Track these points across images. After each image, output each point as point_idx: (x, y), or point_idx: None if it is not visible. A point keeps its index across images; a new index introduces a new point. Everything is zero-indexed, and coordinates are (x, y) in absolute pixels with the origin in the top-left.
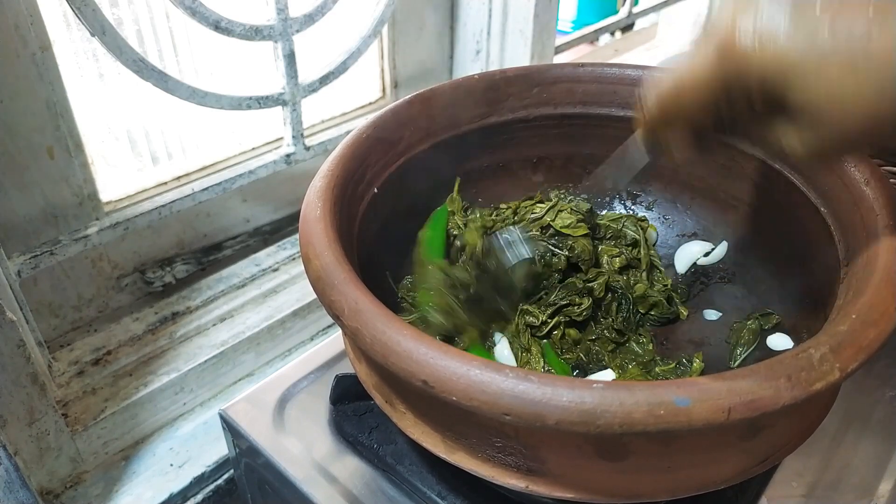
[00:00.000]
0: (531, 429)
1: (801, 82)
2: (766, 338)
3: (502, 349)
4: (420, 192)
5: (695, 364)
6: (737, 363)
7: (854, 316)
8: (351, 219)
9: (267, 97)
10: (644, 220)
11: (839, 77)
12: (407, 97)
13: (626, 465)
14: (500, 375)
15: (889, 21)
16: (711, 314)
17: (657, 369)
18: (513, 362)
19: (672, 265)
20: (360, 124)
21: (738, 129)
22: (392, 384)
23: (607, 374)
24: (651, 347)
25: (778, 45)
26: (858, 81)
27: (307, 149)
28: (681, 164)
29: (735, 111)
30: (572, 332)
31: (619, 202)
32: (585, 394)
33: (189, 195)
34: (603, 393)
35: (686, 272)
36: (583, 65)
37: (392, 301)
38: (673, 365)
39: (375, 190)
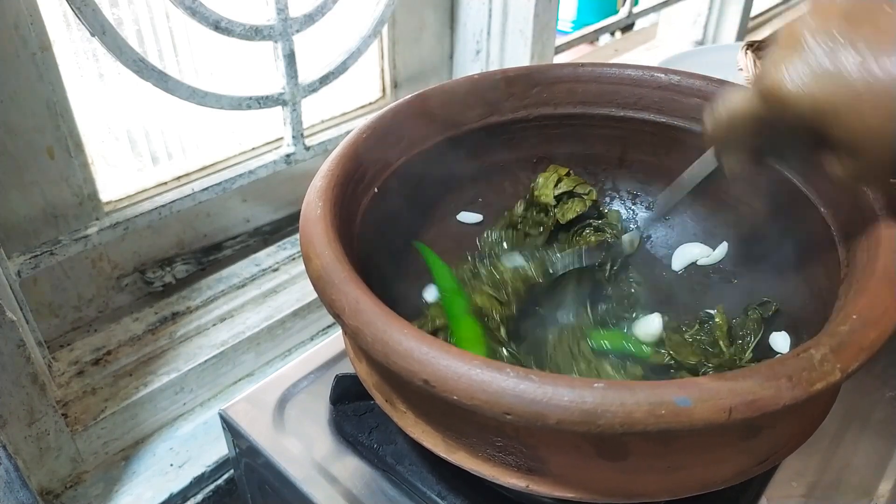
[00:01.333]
0: (532, 428)
1: (838, 121)
2: (768, 334)
3: None
4: (420, 191)
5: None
6: (748, 353)
7: (855, 316)
8: (351, 218)
9: (267, 97)
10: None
11: (871, 117)
12: (407, 97)
13: (627, 465)
14: (501, 375)
15: None
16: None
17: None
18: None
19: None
20: (360, 124)
21: (787, 155)
22: (392, 383)
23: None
24: None
25: (815, 92)
26: (889, 118)
27: (307, 149)
28: (738, 177)
29: (783, 142)
30: None
31: (620, 202)
32: (586, 393)
33: (189, 195)
34: (604, 392)
35: (682, 271)
36: (583, 65)
37: (391, 300)
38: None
39: (375, 190)
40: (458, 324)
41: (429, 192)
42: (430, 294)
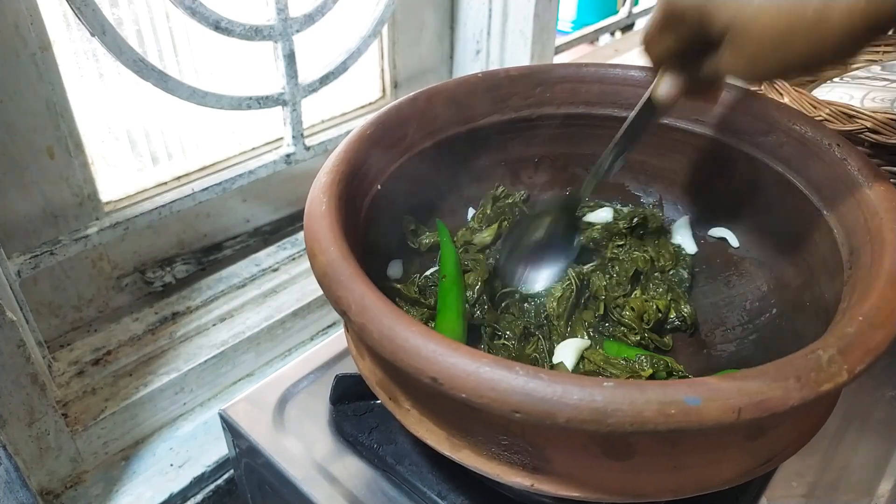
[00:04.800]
0: (539, 427)
1: (715, 12)
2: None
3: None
4: (422, 188)
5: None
6: None
7: (861, 318)
8: (355, 215)
9: (267, 97)
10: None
11: (741, 3)
12: (411, 94)
13: (632, 465)
14: (510, 373)
15: None
16: None
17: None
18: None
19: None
20: (363, 121)
21: (703, 65)
22: (398, 381)
23: None
24: None
25: None
26: (757, 5)
27: (307, 149)
28: (671, 105)
29: (689, 47)
30: None
31: (621, 205)
32: (596, 392)
33: (189, 195)
34: (613, 392)
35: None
36: (586, 65)
37: (394, 297)
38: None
39: (379, 186)
40: (443, 314)
41: (431, 189)
42: (394, 270)
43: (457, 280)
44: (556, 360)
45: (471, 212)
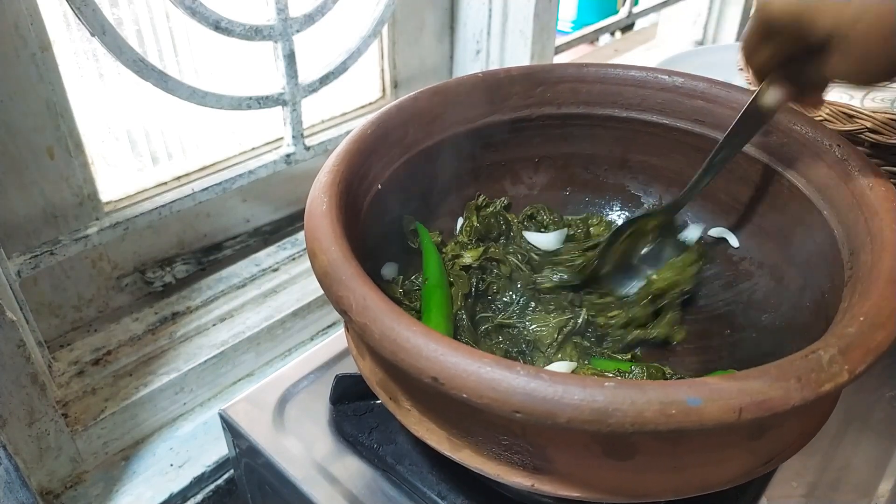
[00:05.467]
0: (541, 427)
1: (814, 19)
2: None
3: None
4: (423, 189)
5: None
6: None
7: (862, 318)
8: (355, 214)
9: (267, 97)
10: None
11: (842, 6)
12: (411, 94)
13: (633, 465)
14: (511, 373)
15: None
16: None
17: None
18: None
19: None
20: (363, 121)
21: (806, 71)
22: (399, 381)
23: None
24: None
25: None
26: (859, 5)
27: (307, 149)
28: (780, 110)
29: (791, 55)
30: None
31: (620, 203)
32: (597, 392)
33: (189, 195)
34: (615, 392)
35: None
36: (587, 65)
37: (395, 296)
38: None
39: (379, 186)
40: (428, 316)
41: (431, 190)
42: (388, 271)
43: (441, 283)
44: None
45: (460, 221)
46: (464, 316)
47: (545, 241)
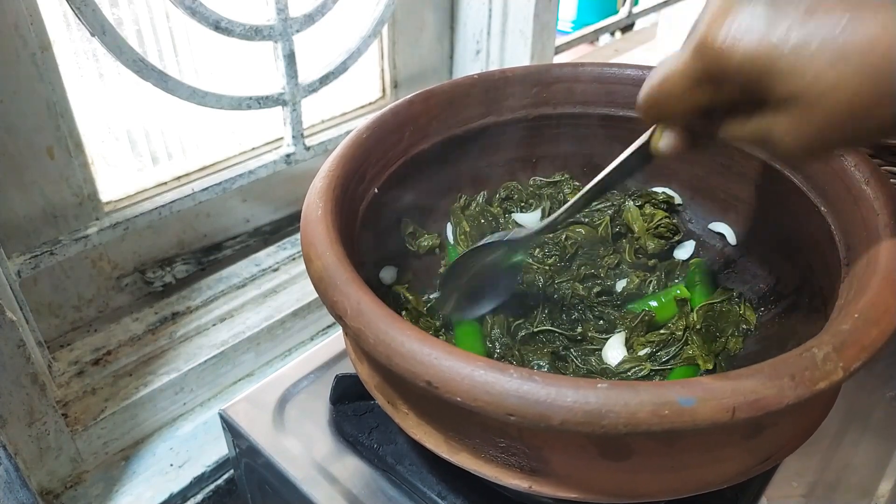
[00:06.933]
0: (535, 429)
1: (781, 76)
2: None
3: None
4: (420, 191)
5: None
6: None
7: (857, 315)
8: (352, 219)
9: (267, 97)
10: None
11: (819, 70)
12: (407, 97)
13: (630, 465)
14: (504, 376)
15: (865, 18)
16: None
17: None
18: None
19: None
20: (360, 124)
21: (729, 127)
22: (395, 385)
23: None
24: None
25: (753, 43)
26: (838, 74)
27: (307, 149)
28: (671, 159)
29: (722, 107)
30: None
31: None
32: (590, 394)
33: (189, 195)
34: (607, 393)
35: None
36: (582, 65)
37: (391, 301)
38: None
39: (376, 190)
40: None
41: (428, 192)
42: (387, 275)
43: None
44: (612, 361)
45: (449, 228)
46: (496, 329)
47: (532, 218)
